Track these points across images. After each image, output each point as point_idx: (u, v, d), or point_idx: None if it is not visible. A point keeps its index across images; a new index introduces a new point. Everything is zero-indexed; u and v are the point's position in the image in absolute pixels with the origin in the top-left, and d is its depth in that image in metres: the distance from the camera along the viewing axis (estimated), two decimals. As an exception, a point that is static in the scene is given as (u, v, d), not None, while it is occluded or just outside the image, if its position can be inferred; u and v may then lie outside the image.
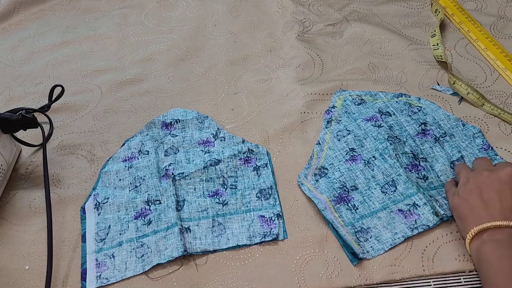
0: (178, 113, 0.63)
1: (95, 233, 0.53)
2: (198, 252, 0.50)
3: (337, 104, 0.62)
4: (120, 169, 0.58)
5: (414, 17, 0.75)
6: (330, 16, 0.76)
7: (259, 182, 0.56)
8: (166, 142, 0.60)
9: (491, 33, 0.70)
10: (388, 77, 0.66)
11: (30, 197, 0.57)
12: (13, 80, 0.72)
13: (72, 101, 0.68)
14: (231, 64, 0.71)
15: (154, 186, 0.55)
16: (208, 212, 0.53)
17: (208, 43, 0.75)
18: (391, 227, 0.50)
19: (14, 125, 0.55)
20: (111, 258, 0.51)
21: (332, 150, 0.58)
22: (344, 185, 0.54)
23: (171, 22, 0.79)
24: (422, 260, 0.48)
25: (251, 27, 0.77)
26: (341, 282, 0.47)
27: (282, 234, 0.51)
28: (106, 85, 0.69)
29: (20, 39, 0.79)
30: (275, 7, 0.79)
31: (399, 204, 0.52)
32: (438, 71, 0.66)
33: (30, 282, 0.49)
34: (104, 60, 0.74)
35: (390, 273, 0.47)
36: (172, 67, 0.71)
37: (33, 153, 0.62)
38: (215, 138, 0.60)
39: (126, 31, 0.78)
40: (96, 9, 0.83)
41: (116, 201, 0.55)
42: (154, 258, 0.50)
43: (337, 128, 0.60)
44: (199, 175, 0.56)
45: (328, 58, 0.70)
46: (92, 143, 0.62)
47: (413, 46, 0.69)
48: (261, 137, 0.61)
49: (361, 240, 0.50)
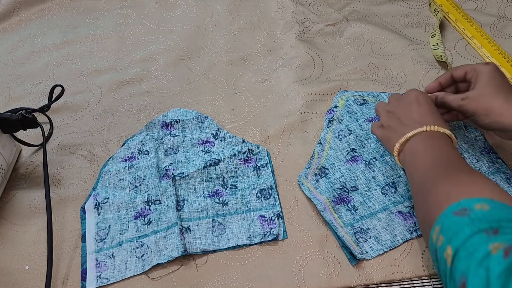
0: (178, 113, 0.63)
1: (95, 233, 0.53)
2: (198, 252, 0.50)
3: (339, 104, 0.62)
4: (120, 169, 0.58)
5: (414, 17, 0.75)
6: (330, 16, 0.76)
7: (259, 182, 0.56)
8: (166, 142, 0.60)
9: (491, 33, 0.70)
10: (388, 77, 0.66)
11: (30, 197, 0.57)
12: (13, 80, 0.72)
13: (72, 101, 0.68)
14: (231, 64, 0.71)
15: (154, 186, 0.55)
16: (208, 212, 0.53)
17: (208, 43, 0.75)
18: (391, 228, 0.50)
19: (14, 125, 0.55)
20: (111, 258, 0.51)
21: (333, 150, 0.58)
22: (344, 186, 0.54)
23: (171, 22, 0.79)
24: (422, 260, 0.48)
25: (251, 27, 0.77)
26: (341, 282, 0.47)
27: (282, 234, 0.51)
28: (106, 85, 0.69)
29: (20, 39, 0.79)
30: (275, 7, 0.79)
31: (399, 206, 0.52)
32: (438, 71, 0.66)
33: (30, 282, 0.49)
34: (104, 60, 0.74)
35: (390, 273, 0.47)
36: (172, 67, 0.71)
37: (33, 153, 0.62)
38: (215, 138, 0.60)
39: (126, 31, 0.78)
40: (96, 9, 0.83)
41: (116, 201, 0.55)
42: (154, 258, 0.50)
43: (339, 128, 0.60)
44: (199, 175, 0.56)
45: (328, 58, 0.70)
46: (92, 143, 0.62)
47: (413, 46, 0.69)
48: (261, 137, 0.61)
49: (360, 241, 0.50)
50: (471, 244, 0.34)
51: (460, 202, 0.37)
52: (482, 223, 0.34)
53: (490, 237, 0.33)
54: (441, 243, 0.37)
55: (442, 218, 0.38)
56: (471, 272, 0.32)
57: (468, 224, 0.35)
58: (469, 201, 0.37)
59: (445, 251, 0.36)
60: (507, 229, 0.33)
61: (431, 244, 0.39)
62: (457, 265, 0.34)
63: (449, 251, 0.35)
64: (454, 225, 0.36)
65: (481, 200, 0.36)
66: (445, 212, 0.38)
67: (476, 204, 0.36)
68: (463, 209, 0.36)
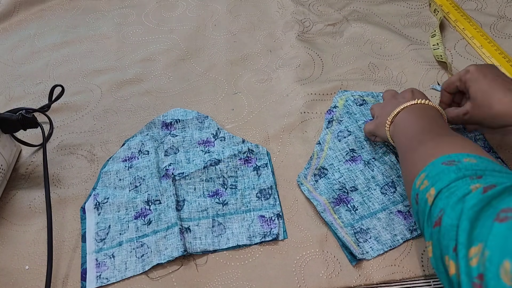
0: (178, 113, 0.63)
1: (95, 233, 0.53)
2: (198, 252, 0.50)
3: (338, 104, 0.62)
4: (120, 169, 0.58)
5: (414, 17, 0.75)
6: (330, 16, 0.76)
7: (259, 182, 0.56)
8: (166, 142, 0.60)
9: (491, 33, 0.70)
10: (388, 77, 0.66)
11: (30, 197, 0.57)
12: (13, 80, 0.72)
13: (72, 101, 0.68)
14: (231, 64, 0.71)
15: (154, 186, 0.55)
16: (208, 212, 0.53)
17: (208, 43, 0.75)
18: (391, 228, 0.50)
19: (14, 125, 0.55)
20: (111, 258, 0.51)
21: (332, 150, 0.58)
22: (344, 186, 0.54)
23: (171, 22, 0.79)
24: (422, 260, 0.48)
25: (251, 27, 0.77)
26: (341, 282, 0.47)
27: (282, 234, 0.51)
28: (106, 85, 0.69)
29: (20, 39, 0.79)
30: (275, 7, 0.79)
31: (399, 205, 0.52)
32: (438, 71, 0.66)
33: (30, 282, 0.49)
34: (104, 60, 0.74)
35: (390, 273, 0.47)
36: (172, 67, 0.71)
37: (33, 153, 0.62)
38: (215, 138, 0.60)
39: (126, 31, 0.78)
40: (96, 9, 0.83)
41: (116, 201, 0.55)
42: (154, 258, 0.50)
43: (338, 128, 0.60)
44: (199, 175, 0.56)
45: (328, 58, 0.70)
46: (92, 143, 0.62)
47: (413, 46, 0.69)
48: (261, 137, 0.61)
49: (361, 241, 0.50)
50: (454, 185, 0.35)
51: (450, 155, 0.39)
52: (468, 171, 0.36)
53: (473, 180, 0.35)
54: (425, 186, 0.38)
55: (430, 166, 0.39)
56: (449, 207, 0.34)
57: (455, 171, 0.37)
58: (458, 155, 0.38)
59: (428, 192, 0.37)
60: (490, 176, 0.35)
61: (413, 190, 0.40)
62: (437, 203, 0.36)
63: (432, 192, 0.37)
64: (441, 172, 0.37)
65: (470, 155, 0.38)
66: (433, 161, 0.39)
67: (465, 158, 0.38)
68: (452, 160, 0.38)
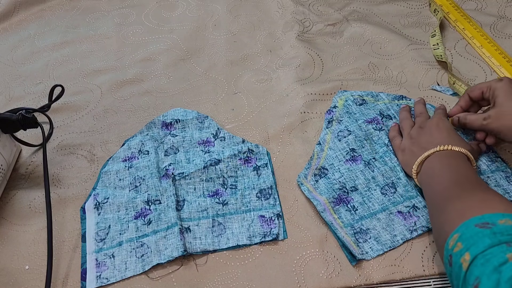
0: (178, 113, 0.63)
1: (95, 233, 0.53)
2: (198, 252, 0.50)
3: (338, 104, 0.62)
4: (120, 169, 0.58)
5: (414, 17, 0.75)
6: (330, 16, 0.76)
7: (259, 182, 0.56)
8: (166, 142, 0.60)
9: (491, 33, 0.70)
10: (388, 77, 0.66)
11: (30, 197, 0.57)
12: (13, 80, 0.72)
13: (72, 101, 0.68)
14: (231, 64, 0.71)
15: (154, 186, 0.55)
16: (208, 212, 0.53)
17: (208, 43, 0.75)
18: (390, 228, 0.50)
19: (14, 125, 0.55)
20: (111, 258, 0.51)
21: (332, 150, 0.58)
22: (344, 186, 0.54)
23: (171, 22, 0.79)
24: (422, 260, 0.48)
25: (251, 27, 0.77)
26: (341, 282, 0.47)
27: (282, 234, 0.51)
28: (106, 85, 0.69)
29: (20, 39, 0.79)
30: (275, 7, 0.79)
31: (399, 206, 0.52)
32: (438, 71, 0.66)
33: (30, 282, 0.49)
34: (104, 60, 0.74)
35: (390, 273, 0.47)
36: (172, 67, 0.71)
37: (33, 153, 0.62)
38: (215, 138, 0.60)
39: (126, 31, 0.78)
40: (96, 9, 0.83)
41: (116, 201, 0.55)
42: (154, 258, 0.50)
43: (338, 128, 0.60)
44: (199, 175, 0.56)
45: (328, 58, 0.70)
46: (92, 143, 0.62)
47: (413, 46, 0.69)
48: (261, 137, 0.61)
49: (360, 241, 0.50)
50: (489, 252, 0.35)
51: (483, 216, 0.38)
52: (503, 236, 0.35)
53: (509, 248, 0.34)
54: (459, 249, 0.37)
55: (463, 227, 0.39)
56: (485, 276, 0.33)
57: (489, 236, 0.36)
58: (492, 216, 0.38)
59: (463, 256, 0.37)
60: None
61: (446, 250, 0.40)
62: (473, 270, 0.35)
63: (466, 257, 0.36)
64: (475, 235, 0.37)
65: (506, 215, 0.37)
66: (466, 222, 0.39)
67: (500, 220, 0.37)
68: (485, 222, 0.37)
